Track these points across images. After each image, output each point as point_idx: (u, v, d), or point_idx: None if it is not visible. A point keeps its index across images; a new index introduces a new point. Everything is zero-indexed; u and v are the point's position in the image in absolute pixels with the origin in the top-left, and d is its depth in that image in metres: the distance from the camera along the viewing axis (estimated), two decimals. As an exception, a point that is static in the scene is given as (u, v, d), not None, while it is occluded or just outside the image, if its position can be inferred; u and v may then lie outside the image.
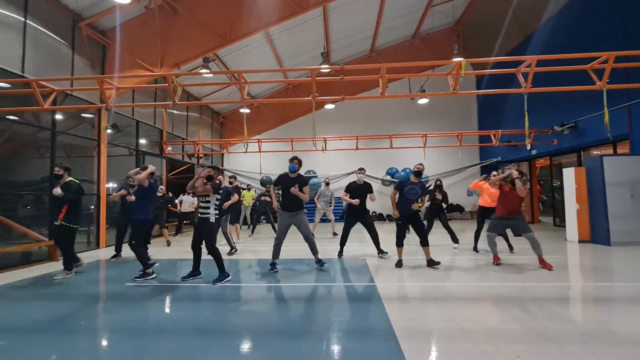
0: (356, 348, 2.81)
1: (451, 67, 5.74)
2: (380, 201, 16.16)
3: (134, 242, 5.19)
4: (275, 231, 10.21)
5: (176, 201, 10.29)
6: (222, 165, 16.95)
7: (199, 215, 5.05)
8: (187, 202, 10.28)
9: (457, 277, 5.07)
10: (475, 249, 6.99)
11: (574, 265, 5.95)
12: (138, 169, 5.55)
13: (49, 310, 3.94)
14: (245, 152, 8.49)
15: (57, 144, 7.57)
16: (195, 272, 5.12)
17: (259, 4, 8.98)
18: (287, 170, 5.58)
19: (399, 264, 5.69)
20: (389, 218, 15.65)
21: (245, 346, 2.94)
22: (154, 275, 5.20)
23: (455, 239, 7.46)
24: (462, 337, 2.94)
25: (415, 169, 5.83)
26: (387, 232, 10.59)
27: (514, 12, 12.18)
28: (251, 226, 11.24)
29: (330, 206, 10.10)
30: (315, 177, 15.89)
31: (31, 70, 6.88)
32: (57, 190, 5.15)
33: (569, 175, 8.55)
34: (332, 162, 15.64)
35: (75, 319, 3.63)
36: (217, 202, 5.13)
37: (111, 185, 9.60)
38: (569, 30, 10.06)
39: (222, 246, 6.08)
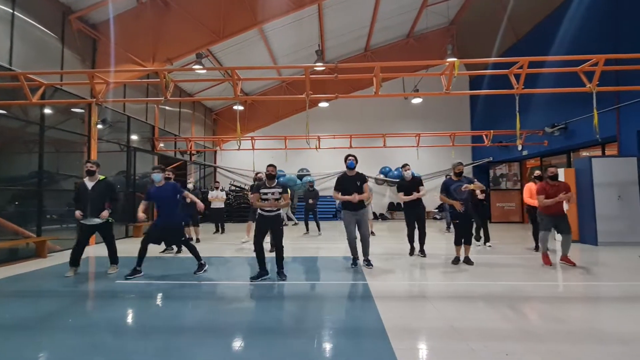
0: (347, 346, 2.82)
1: (445, 67, 5.77)
2: (375, 200, 16.27)
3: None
4: (318, 228, 10.13)
5: (209, 197, 10.26)
6: (215, 163, 16.84)
7: (270, 214, 4.90)
8: (217, 197, 10.16)
9: (448, 276, 5.11)
10: (536, 248, 6.99)
11: (563, 265, 6.04)
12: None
13: (35, 307, 3.86)
14: (239, 149, 8.42)
15: (45, 139, 7.42)
16: (263, 272, 4.95)
17: (254, 1, 8.91)
18: (345, 169, 5.55)
19: (456, 260, 5.82)
20: (382, 217, 15.72)
21: (236, 344, 2.92)
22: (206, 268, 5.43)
23: (487, 238, 7.57)
24: (453, 336, 2.97)
25: (457, 170, 5.92)
26: (379, 230, 10.65)
27: (507, 14, 12.29)
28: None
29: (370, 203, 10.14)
30: (309, 175, 15.87)
31: (19, 63, 6.73)
32: (105, 214, 5.23)
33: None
34: (326, 161, 15.64)
35: (62, 317, 3.57)
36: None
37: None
38: (561, 32, 10.19)
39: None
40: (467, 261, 5.80)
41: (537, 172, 7.22)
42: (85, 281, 5.11)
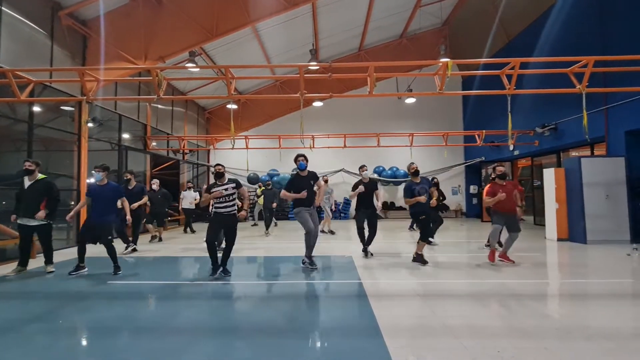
0: (342, 345, 2.83)
1: (438, 67, 5.81)
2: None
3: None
4: (267, 229, 10.23)
5: (180, 197, 10.58)
6: (209, 162, 16.73)
7: (226, 212, 4.97)
8: (188, 198, 10.40)
9: (440, 275, 5.16)
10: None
11: (552, 263, 6.14)
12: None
13: (22, 309, 3.80)
14: (232, 148, 8.38)
15: (34, 137, 7.29)
16: (218, 267, 5.04)
17: (248, -1, 8.87)
18: (297, 170, 5.57)
19: (424, 260, 5.71)
20: (375, 216, 15.78)
21: (229, 344, 2.91)
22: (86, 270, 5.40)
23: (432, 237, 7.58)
24: (445, 333, 3.00)
25: (412, 170, 5.87)
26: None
27: (498, 15, 12.43)
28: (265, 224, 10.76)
29: (331, 202, 10.26)
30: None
31: (7, 60, 6.59)
32: (41, 214, 5.16)
33: (549, 176, 8.81)
34: (320, 160, 15.62)
35: (50, 318, 3.52)
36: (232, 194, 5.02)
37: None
38: (551, 34, 10.34)
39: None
40: (418, 259, 5.72)
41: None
42: (71, 282, 5.04)
